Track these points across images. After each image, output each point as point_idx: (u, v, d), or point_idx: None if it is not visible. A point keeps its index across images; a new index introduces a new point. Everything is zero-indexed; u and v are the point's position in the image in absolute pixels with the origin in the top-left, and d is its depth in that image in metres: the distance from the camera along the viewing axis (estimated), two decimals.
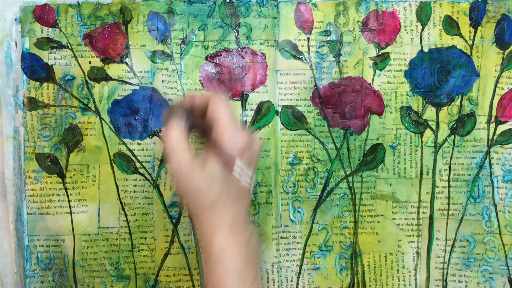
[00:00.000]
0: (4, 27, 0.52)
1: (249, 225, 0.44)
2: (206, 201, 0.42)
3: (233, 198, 0.43)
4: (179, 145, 0.42)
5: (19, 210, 0.53)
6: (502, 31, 0.54)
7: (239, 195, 0.44)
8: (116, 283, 0.55)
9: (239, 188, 0.43)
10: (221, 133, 0.43)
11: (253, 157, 0.44)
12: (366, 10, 0.54)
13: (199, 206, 0.43)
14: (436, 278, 0.56)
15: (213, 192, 0.42)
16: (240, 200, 0.44)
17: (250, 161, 0.44)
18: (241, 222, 0.44)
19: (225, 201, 0.43)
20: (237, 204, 0.43)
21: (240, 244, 0.43)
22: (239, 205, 0.44)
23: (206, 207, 0.43)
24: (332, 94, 0.55)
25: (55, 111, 0.53)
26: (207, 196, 0.42)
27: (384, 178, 0.55)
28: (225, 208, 0.43)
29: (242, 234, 0.43)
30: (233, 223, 0.43)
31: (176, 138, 0.43)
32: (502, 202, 0.55)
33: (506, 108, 0.55)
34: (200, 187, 0.42)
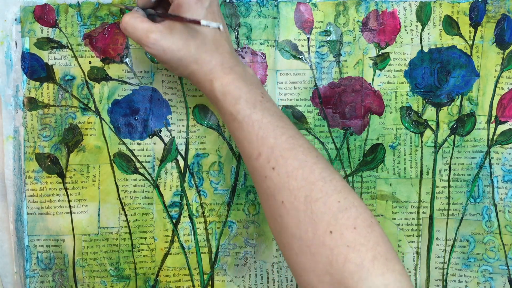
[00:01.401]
0: (4, 27, 0.52)
1: (238, 60, 0.47)
2: (190, 59, 0.44)
3: (211, 45, 0.45)
4: (139, 24, 0.44)
5: (19, 210, 0.53)
6: (502, 31, 0.54)
7: (216, 40, 0.45)
8: (116, 283, 0.55)
9: (212, 35, 0.45)
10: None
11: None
12: (366, 10, 0.54)
13: (184, 66, 0.45)
14: (436, 278, 0.56)
15: (191, 49, 0.44)
16: (219, 44, 0.45)
17: (211, 2, 0.45)
18: (230, 61, 0.45)
19: (205, 52, 0.45)
20: (218, 49, 0.45)
21: (237, 77, 0.44)
22: (221, 49, 0.45)
23: (192, 65, 0.45)
24: (332, 94, 0.55)
25: (55, 111, 0.53)
26: (187, 55, 0.44)
27: (384, 178, 0.55)
28: (208, 57, 0.45)
29: (234, 69, 0.45)
30: (223, 66, 0.45)
31: (131, 20, 0.44)
32: (502, 202, 0.55)
33: (506, 108, 0.55)
34: (177, 49, 0.44)
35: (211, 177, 0.55)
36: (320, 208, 0.39)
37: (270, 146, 0.42)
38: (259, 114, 0.43)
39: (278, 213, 0.41)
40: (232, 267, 0.55)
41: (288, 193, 0.40)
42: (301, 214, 0.40)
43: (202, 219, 0.55)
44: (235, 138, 0.45)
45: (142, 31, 0.44)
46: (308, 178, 0.40)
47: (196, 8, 0.44)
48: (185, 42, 0.44)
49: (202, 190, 0.55)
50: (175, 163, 0.54)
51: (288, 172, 0.41)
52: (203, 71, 0.45)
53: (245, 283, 0.56)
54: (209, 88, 0.45)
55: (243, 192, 0.55)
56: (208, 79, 0.45)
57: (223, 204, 0.55)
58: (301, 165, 0.41)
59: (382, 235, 0.39)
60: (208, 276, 0.55)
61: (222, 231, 0.55)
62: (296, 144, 0.42)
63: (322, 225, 0.39)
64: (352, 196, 0.40)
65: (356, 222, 0.39)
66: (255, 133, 0.43)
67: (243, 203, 0.55)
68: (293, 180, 0.41)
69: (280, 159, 0.41)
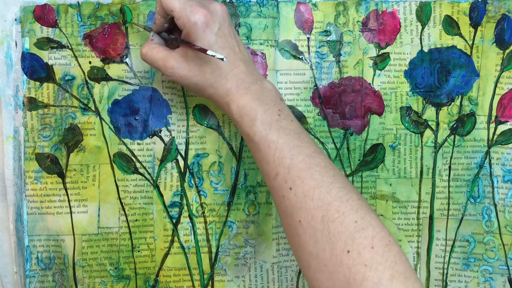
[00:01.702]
0: (4, 27, 0.52)
1: (254, 77, 0.47)
2: (206, 84, 0.46)
3: (226, 68, 0.46)
4: (155, 54, 0.47)
5: (19, 210, 0.53)
6: (502, 31, 0.54)
7: (230, 62, 0.46)
8: (116, 283, 0.55)
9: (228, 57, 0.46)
10: (178, 18, 0.45)
11: (221, 20, 0.46)
12: (366, 10, 0.54)
13: (202, 91, 0.47)
14: (436, 278, 0.56)
15: (206, 74, 0.46)
16: (234, 65, 0.46)
17: (221, 25, 0.46)
18: (245, 81, 0.46)
19: (220, 75, 0.46)
20: (233, 70, 0.46)
21: (252, 98, 0.45)
22: (236, 70, 0.46)
23: (208, 89, 0.46)
24: (332, 94, 0.55)
25: (55, 111, 0.53)
26: (203, 80, 0.46)
27: (384, 178, 0.55)
28: (223, 80, 0.46)
29: (250, 89, 0.46)
30: (238, 87, 0.46)
31: (148, 51, 0.47)
32: (502, 202, 0.55)
33: (506, 108, 0.55)
34: (192, 75, 0.46)
35: (211, 177, 0.55)
36: (337, 228, 0.39)
37: (286, 167, 0.42)
38: (274, 135, 0.43)
39: (296, 232, 0.42)
40: (232, 267, 0.55)
41: (305, 213, 0.41)
42: (318, 233, 0.40)
43: (202, 219, 0.55)
44: (254, 157, 0.45)
45: (160, 61, 0.47)
46: (325, 198, 0.41)
47: (205, 35, 0.45)
48: (200, 68, 0.46)
49: (202, 190, 0.55)
50: (175, 163, 0.54)
51: (305, 192, 0.41)
52: (220, 94, 0.46)
53: (245, 283, 0.56)
54: (227, 110, 0.46)
55: (243, 192, 0.55)
56: (225, 102, 0.46)
57: (223, 204, 0.55)
58: (318, 185, 0.41)
59: (400, 254, 0.39)
60: (208, 276, 0.55)
61: (222, 231, 0.55)
62: (313, 163, 0.42)
63: (339, 245, 0.39)
64: (369, 215, 0.40)
65: (373, 242, 0.39)
66: (271, 154, 0.43)
67: (243, 203, 0.55)
68: (310, 200, 0.41)
69: (297, 179, 0.42)
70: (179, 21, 0.45)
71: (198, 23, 0.44)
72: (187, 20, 0.45)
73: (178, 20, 0.45)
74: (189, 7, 0.45)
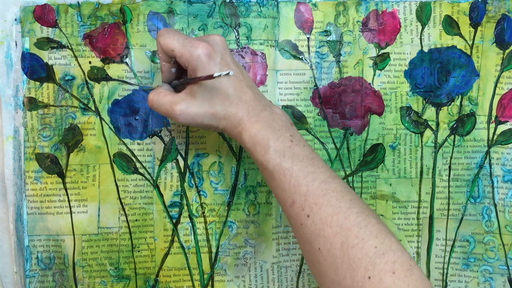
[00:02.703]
0: (4, 27, 0.52)
1: (263, 103, 0.46)
2: (218, 116, 0.46)
3: (235, 97, 0.45)
4: (162, 99, 0.46)
5: (19, 210, 0.53)
6: (502, 31, 0.54)
7: (237, 89, 0.46)
8: (116, 283, 0.55)
9: (232, 86, 0.46)
10: (180, 56, 0.45)
11: (222, 50, 0.46)
12: (366, 10, 0.54)
13: (216, 125, 0.46)
14: (436, 278, 0.56)
15: (217, 107, 0.45)
16: (242, 92, 0.46)
17: (223, 55, 0.46)
18: (255, 108, 0.46)
19: (230, 105, 0.45)
20: (242, 98, 0.46)
21: (264, 125, 0.45)
22: (245, 97, 0.46)
23: (221, 121, 0.46)
24: (332, 94, 0.55)
25: (55, 111, 0.53)
26: (215, 113, 0.45)
27: (384, 178, 0.56)
28: (234, 110, 0.45)
29: (260, 116, 0.45)
30: (249, 115, 0.45)
31: (155, 97, 0.46)
32: (502, 202, 0.55)
33: (506, 108, 0.55)
34: (204, 111, 0.45)
35: (211, 177, 0.55)
36: (357, 254, 0.39)
37: (303, 194, 0.42)
38: (288, 163, 0.43)
39: (316, 259, 0.41)
40: (232, 267, 0.55)
41: (324, 240, 0.41)
42: (338, 260, 0.40)
43: (202, 219, 0.55)
44: (269, 185, 0.45)
45: (167, 105, 0.46)
46: (343, 224, 0.40)
47: (209, 67, 0.45)
48: (210, 102, 0.45)
49: (202, 190, 0.55)
50: (175, 163, 0.54)
51: (322, 219, 0.41)
52: (233, 124, 0.46)
53: (245, 283, 0.56)
54: (239, 140, 0.46)
55: (243, 192, 0.55)
56: (237, 132, 0.46)
57: (223, 204, 0.55)
58: (335, 211, 0.41)
59: (422, 278, 0.39)
60: (208, 276, 0.55)
61: (222, 231, 0.55)
62: (329, 189, 0.42)
63: (360, 271, 0.39)
64: (388, 239, 0.40)
65: (394, 267, 0.39)
66: (287, 181, 0.43)
67: (243, 203, 0.55)
68: (328, 227, 0.41)
69: (314, 206, 0.42)
70: (182, 58, 0.45)
71: (201, 56, 0.44)
72: (189, 55, 0.45)
73: (180, 58, 0.45)
74: (189, 43, 0.45)
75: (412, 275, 0.39)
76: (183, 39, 0.45)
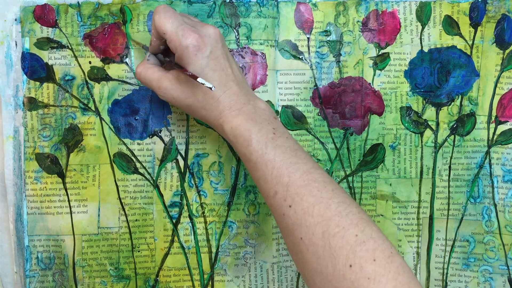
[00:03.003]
0: (4, 27, 0.52)
1: (247, 97, 0.47)
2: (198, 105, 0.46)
3: (218, 90, 0.46)
4: (150, 75, 0.47)
5: (19, 210, 0.53)
6: (502, 31, 0.54)
7: (222, 83, 0.46)
8: (116, 283, 0.55)
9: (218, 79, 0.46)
10: (170, 41, 0.45)
11: (213, 43, 0.46)
12: (366, 10, 0.54)
13: (194, 112, 0.47)
14: (436, 278, 0.56)
15: (198, 97, 0.46)
16: (226, 87, 0.46)
17: (213, 48, 0.46)
18: (238, 102, 0.46)
19: (212, 98, 0.46)
20: (225, 92, 0.46)
21: (246, 118, 0.45)
22: (228, 92, 0.46)
23: (201, 111, 0.47)
24: (332, 94, 0.55)
25: (55, 111, 0.53)
26: (196, 102, 0.46)
27: (384, 178, 0.56)
28: (216, 102, 0.46)
29: (243, 110, 0.46)
30: (231, 108, 0.46)
31: (143, 71, 0.47)
32: (502, 202, 0.55)
33: (506, 108, 0.55)
34: (185, 97, 0.46)
35: (211, 177, 0.55)
36: (338, 242, 0.40)
37: (285, 185, 0.43)
38: (271, 154, 0.43)
39: (299, 249, 0.42)
40: (232, 267, 0.55)
41: (306, 230, 0.41)
42: (319, 249, 0.40)
43: (202, 219, 0.55)
44: (252, 176, 0.46)
45: (154, 81, 0.47)
46: (325, 214, 0.41)
47: (196, 58, 0.45)
48: (192, 91, 0.46)
49: (202, 190, 0.55)
50: (175, 163, 0.54)
51: (304, 209, 0.41)
52: (213, 116, 0.46)
53: (245, 283, 0.56)
54: (221, 131, 0.47)
55: (243, 192, 0.55)
56: (218, 124, 0.46)
57: (223, 204, 0.55)
58: (317, 201, 0.41)
59: (403, 265, 0.39)
60: (208, 276, 0.55)
61: (222, 231, 0.55)
62: (311, 179, 0.42)
63: (341, 259, 0.39)
64: (369, 228, 0.40)
65: (374, 254, 0.39)
66: (269, 172, 0.43)
67: (243, 203, 0.55)
68: (310, 217, 0.41)
69: (296, 196, 0.42)
70: (171, 44, 0.45)
71: (190, 47, 0.45)
72: (178, 43, 0.45)
73: (170, 43, 0.45)
74: (181, 31, 0.45)
75: (393, 262, 0.39)
76: (177, 24, 0.45)
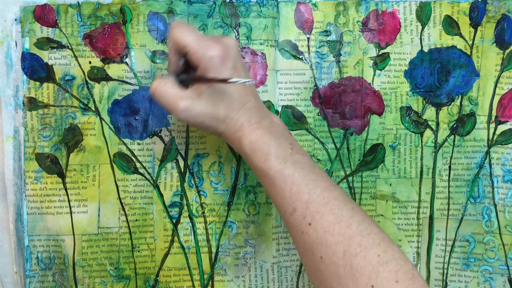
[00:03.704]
0: (4, 27, 0.52)
1: (264, 112, 0.46)
2: (219, 120, 0.45)
3: (238, 104, 0.45)
4: (168, 90, 0.45)
5: (19, 210, 0.53)
6: (502, 31, 0.54)
7: (242, 96, 0.45)
8: (116, 283, 0.55)
9: (238, 93, 0.45)
10: (193, 53, 0.44)
11: (235, 55, 0.45)
12: (366, 10, 0.54)
13: (215, 127, 0.46)
14: (436, 278, 0.56)
15: (220, 111, 0.45)
16: (246, 100, 0.45)
17: (235, 60, 0.45)
18: (257, 116, 0.45)
19: (233, 111, 0.45)
20: (245, 105, 0.45)
21: (264, 132, 0.44)
22: (248, 105, 0.45)
23: (221, 125, 0.45)
24: (332, 94, 0.55)
25: (55, 111, 0.53)
26: (218, 116, 0.45)
27: (384, 178, 0.56)
28: (236, 116, 0.45)
29: (261, 124, 0.45)
30: (250, 122, 0.45)
31: (160, 85, 0.45)
32: (502, 202, 0.55)
33: (506, 108, 0.55)
34: (208, 112, 0.45)
35: (211, 177, 0.55)
36: (360, 263, 0.39)
37: (304, 202, 0.42)
38: (290, 169, 0.43)
39: (318, 268, 0.41)
40: (232, 267, 0.55)
41: (326, 249, 0.40)
42: (340, 269, 0.39)
43: (202, 219, 0.55)
44: (268, 192, 0.45)
45: (172, 97, 0.45)
46: (346, 233, 0.40)
47: (221, 69, 0.44)
48: (214, 105, 0.45)
49: (202, 190, 0.55)
50: (175, 163, 0.54)
51: (324, 227, 0.41)
52: (232, 130, 0.45)
53: (245, 283, 0.56)
54: (238, 145, 0.45)
55: (243, 192, 0.55)
56: (236, 137, 0.45)
57: (223, 204, 0.55)
58: (338, 220, 0.41)
59: (425, 287, 0.39)
60: (208, 276, 0.55)
61: (222, 231, 0.55)
62: (331, 197, 0.42)
63: (363, 280, 0.38)
64: (391, 248, 0.40)
65: (397, 276, 0.38)
66: (288, 189, 0.43)
67: (243, 203, 0.55)
68: (330, 236, 0.40)
69: (316, 214, 0.41)
70: (193, 56, 0.44)
71: (215, 58, 0.44)
72: (202, 55, 0.44)
73: (193, 55, 0.44)
74: (204, 42, 0.44)
75: (415, 284, 0.38)
76: (198, 36, 0.44)
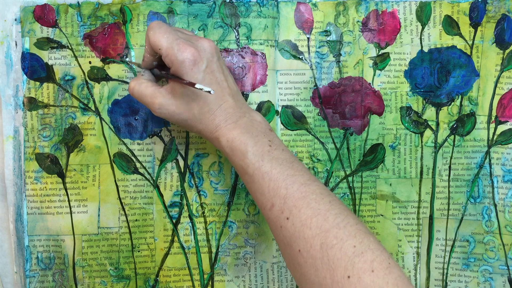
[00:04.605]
0: (4, 27, 0.52)
1: (243, 110, 0.47)
2: (194, 120, 0.46)
3: (214, 104, 0.46)
4: (143, 90, 0.47)
5: (19, 210, 0.53)
6: (502, 31, 0.54)
7: (218, 97, 0.46)
8: (116, 283, 0.55)
9: (217, 93, 0.46)
10: (165, 56, 0.45)
11: (209, 57, 0.46)
12: (366, 10, 0.54)
13: (191, 126, 0.47)
14: (436, 278, 0.56)
15: (194, 111, 0.46)
16: (222, 100, 0.46)
17: (209, 62, 0.46)
18: (233, 116, 0.46)
19: (208, 111, 0.46)
20: (221, 106, 0.46)
21: (241, 131, 0.45)
22: (224, 105, 0.46)
23: (197, 125, 0.46)
24: (332, 94, 0.55)
25: (55, 111, 0.53)
26: (191, 116, 0.46)
27: (384, 178, 0.56)
28: (212, 116, 0.46)
29: (238, 123, 0.46)
30: (226, 122, 0.46)
31: (136, 86, 0.47)
32: (502, 202, 0.55)
33: (506, 108, 0.55)
34: (180, 112, 0.46)
35: (211, 177, 0.55)
36: (336, 254, 0.39)
37: (282, 197, 0.43)
38: (267, 166, 0.44)
39: (297, 261, 0.42)
40: (232, 267, 0.55)
41: (304, 242, 0.41)
42: (318, 261, 0.40)
43: (202, 219, 0.55)
44: (249, 189, 0.46)
45: (148, 97, 0.47)
46: (323, 226, 0.41)
47: (193, 73, 0.45)
48: (187, 105, 0.46)
49: (202, 190, 0.55)
50: (175, 163, 0.54)
51: (302, 221, 0.41)
52: (209, 129, 0.46)
53: (245, 283, 0.56)
54: (217, 145, 0.47)
55: (243, 192, 0.55)
56: (214, 137, 0.46)
57: (223, 204, 0.55)
58: (315, 213, 0.41)
59: (401, 276, 0.39)
60: (208, 276, 0.55)
61: (222, 231, 0.55)
62: (308, 191, 0.43)
63: (339, 271, 0.39)
64: (367, 239, 0.40)
65: (372, 265, 0.39)
66: (266, 185, 0.43)
67: (243, 203, 0.55)
68: (308, 229, 0.41)
69: (293, 209, 0.42)
70: (166, 59, 0.45)
71: (186, 62, 0.44)
72: (174, 58, 0.45)
73: (165, 58, 0.45)
74: (176, 46, 0.45)
75: (391, 273, 0.39)
76: (172, 39, 0.45)
